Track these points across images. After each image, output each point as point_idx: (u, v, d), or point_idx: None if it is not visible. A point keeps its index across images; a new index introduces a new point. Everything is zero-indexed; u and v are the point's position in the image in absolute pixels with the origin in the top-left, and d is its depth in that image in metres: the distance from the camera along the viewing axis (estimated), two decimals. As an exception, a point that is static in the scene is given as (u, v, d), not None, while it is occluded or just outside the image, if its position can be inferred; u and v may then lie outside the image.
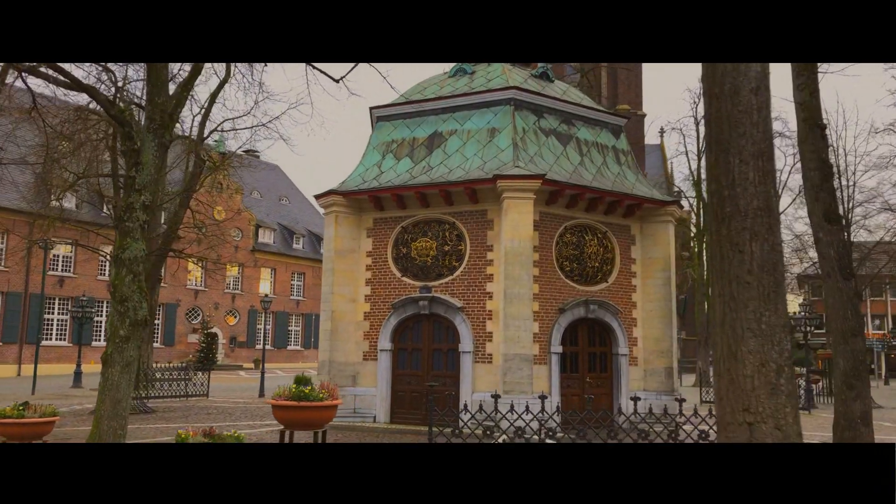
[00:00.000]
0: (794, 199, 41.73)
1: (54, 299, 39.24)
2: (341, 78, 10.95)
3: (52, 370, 36.49)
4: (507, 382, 14.87)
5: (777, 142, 41.12)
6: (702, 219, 42.33)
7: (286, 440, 7.32)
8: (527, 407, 9.96)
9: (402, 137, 17.62)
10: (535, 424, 9.07)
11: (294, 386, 7.25)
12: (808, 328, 28.14)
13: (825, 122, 12.27)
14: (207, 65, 25.54)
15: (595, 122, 18.05)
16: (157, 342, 44.42)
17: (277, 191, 59.99)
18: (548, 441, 9.51)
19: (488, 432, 8.82)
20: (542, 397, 10.24)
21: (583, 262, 16.70)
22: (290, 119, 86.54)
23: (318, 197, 17.54)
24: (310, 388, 7.21)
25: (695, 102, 46.39)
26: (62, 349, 39.12)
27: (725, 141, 4.83)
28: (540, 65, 18.89)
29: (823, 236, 11.65)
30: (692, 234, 45.62)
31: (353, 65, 10.29)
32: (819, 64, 13.70)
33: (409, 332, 16.66)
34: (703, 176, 47.56)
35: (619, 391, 16.89)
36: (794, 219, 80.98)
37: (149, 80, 9.21)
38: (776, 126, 44.58)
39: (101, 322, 41.32)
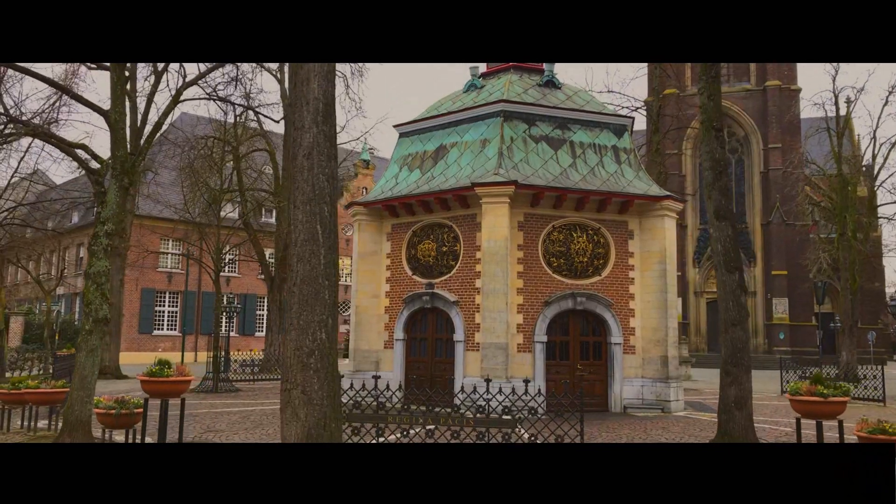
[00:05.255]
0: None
1: (222, 296, 45.59)
2: (280, 119, 13.52)
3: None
4: (485, 368, 16.67)
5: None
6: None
7: (149, 404, 10.11)
8: (513, 389, 11.18)
9: (416, 151, 19.85)
10: (517, 404, 10.29)
11: (149, 367, 9.97)
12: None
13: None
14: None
15: (595, 124, 19.09)
16: (311, 332, 49.94)
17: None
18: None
19: (481, 410, 10.49)
20: (527, 381, 11.13)
21: (570, 257, 17.95)
22: (379, 132, 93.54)
23: (346, 207, 20.28)
24: (157, 367, 9.88)
25: (833, 77, 43.39)
26: (232, 339, 45.45)
27: (288, 190, 6.80)
28: (546, 73, 20.20)
29: (714, 232, 12.61)
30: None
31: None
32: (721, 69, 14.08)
33: (418, 324, 18.91)
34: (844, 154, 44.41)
35: (613, 378, 17.95)
36: None
37: (112, 139, 12.35)
38: None
39: (262, 315, 47.37)
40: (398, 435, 10.26)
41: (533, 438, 10.04)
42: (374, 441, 10.14)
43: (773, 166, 55.08)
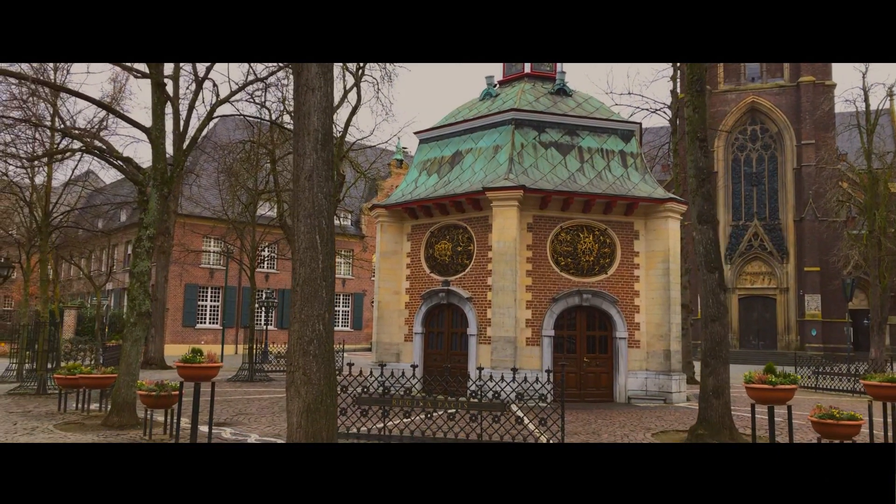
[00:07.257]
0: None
1: (261, 291, 47.51)
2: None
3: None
4: (494, 360, 17.92)
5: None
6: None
7: (184, 386, 11.59)
8: (524, 377, 12.32)
9: (435, 157, 21.16)
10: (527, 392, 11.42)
11: (184, 354, 11.43)
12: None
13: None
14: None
15: (603, 130, 20.17)
16: (347, 326, 51.69)
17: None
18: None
19: (496, 398, 11.70)
20: (515, 370, 12.30)
21: (577, 257, 19.07)
22: (407, 134, 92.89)
23: (370, 209, 21.66)
24: (191, 355, 11.32)
25: (863, 73, 43.40)
26: (270, 332, 47.32)
27: (294, 206, 8.14)
28: (557, 81, 21.31)
29: (696, 235, 13.71)
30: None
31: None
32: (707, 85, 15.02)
33: (435, 319, 20.24)
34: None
35: (618, 370, 19.04)
36: None
37: (153, 153, 13.89)
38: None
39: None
40: (401, 417, 11.59)
41: (520, 419, 11.31)
42: (379, 422, 11.50)
43: (807, 162, 55.04)
